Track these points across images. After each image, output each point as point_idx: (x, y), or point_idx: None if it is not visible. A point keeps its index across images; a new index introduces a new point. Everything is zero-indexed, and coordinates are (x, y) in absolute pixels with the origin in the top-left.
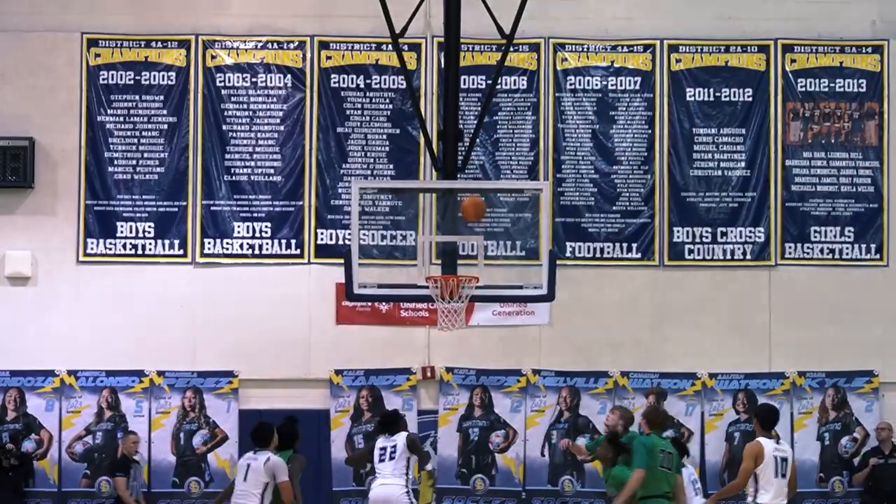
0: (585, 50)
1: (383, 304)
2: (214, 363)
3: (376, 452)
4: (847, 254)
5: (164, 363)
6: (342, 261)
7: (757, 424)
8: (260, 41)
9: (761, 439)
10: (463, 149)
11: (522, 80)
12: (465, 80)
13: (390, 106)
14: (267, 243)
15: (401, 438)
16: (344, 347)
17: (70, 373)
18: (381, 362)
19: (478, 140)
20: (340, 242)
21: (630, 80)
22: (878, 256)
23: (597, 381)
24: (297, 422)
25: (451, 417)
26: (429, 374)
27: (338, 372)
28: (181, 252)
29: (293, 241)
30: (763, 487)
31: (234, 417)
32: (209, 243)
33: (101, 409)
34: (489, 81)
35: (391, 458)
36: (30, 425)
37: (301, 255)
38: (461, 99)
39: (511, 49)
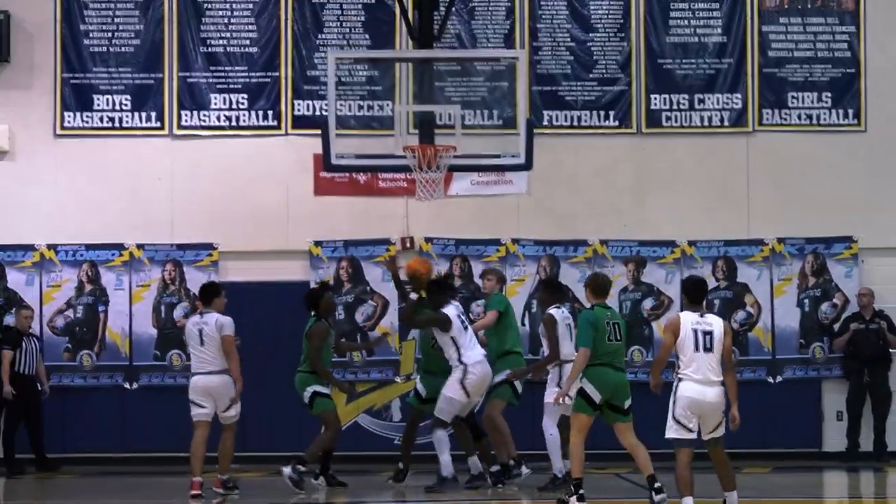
0: None
1: (361, 174)
2: (194, 236)
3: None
4: (825, 119)
5: (144, 236)
6: (319, 132)
7: (685, 298)
8: None
9: (682, 313)
10: (439, 18)
11: None
12: None
13: None
14: (244, 115)
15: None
16: (323, 218)
17: (50, 247)
18: (360, 233)
19: (453, 9)
20: (317, 113)
21: None
22: (855, 122)
23: (576, 250)
24: (325, 288)
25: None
26: (408, 245)
27: (317, 243)
28: (158, 124)
29: (270, 113)
30: (684, 362)
31: None
32: (186, 115)
33: (82, 283)
34: None
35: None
36: (10, 300)
37: (278, 127)
38: None
39: None
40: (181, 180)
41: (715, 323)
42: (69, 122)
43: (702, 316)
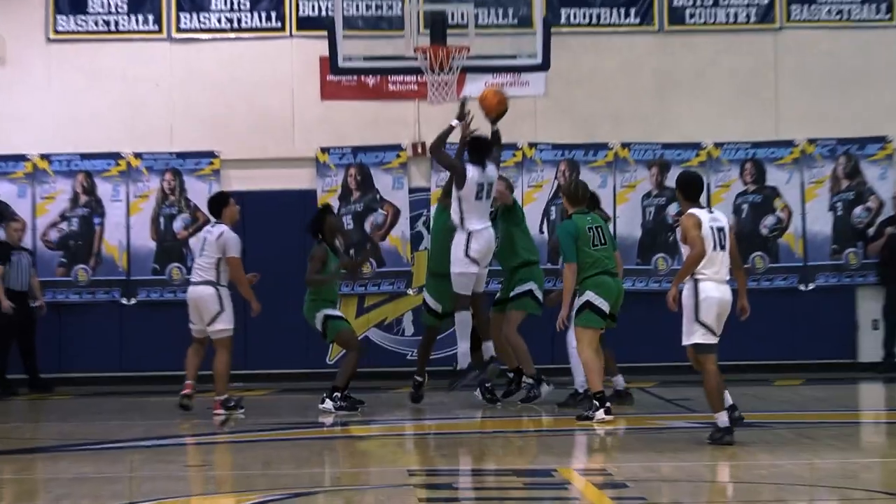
0: None
1: (370, 77)
2: (194, 143)
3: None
4: (856, 14)
5: (141, 144)
6: (325, 33)
7: (680, 196)
8: None
9: (695, 209)
10: None
11: None
12: None
13: None
14: (246, 16)
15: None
16: (330, 124)
17: (42, 157)
18: (369, 139)
19: None
20: (323, 13)
21: None
22: (888, 17)
23: (596, 154)
24: (327, 212)
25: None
26: (419, 151)
27: (324, 150)
28: (156, 27)
29: (273, 14)
30: (703, 261)
31: None
32: (185, 17)
33: (77, 195)
34: None
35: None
36: (2, 212)
37: (282, 28)
38: None
39: None
40: (180, 86)
41: (723, 219)
42: (62, 25)
43: (710, 212)
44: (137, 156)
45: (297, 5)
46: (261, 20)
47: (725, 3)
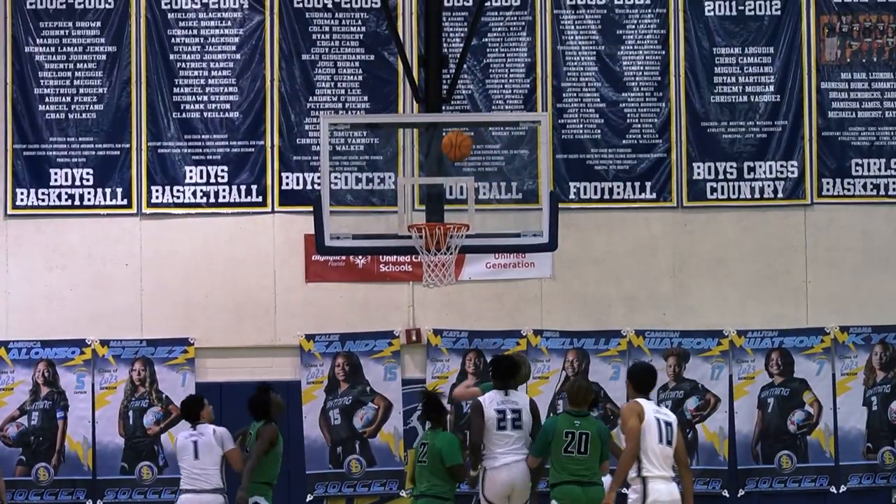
0: None
1: (359, 257)
2: (166, 330)
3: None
4: (893, 189)
5: (109, 331)
6: (311, 208)
7: (630, 387)
8: None
9: (639, 399)
10: (448, 76)
11: None
12: None
13: (363, 28)
14: (224, 190)
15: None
16: (315, 308)
17: (1, 344)
18: (358, 325)
19: (465, 66)
20: (309, 187)
21: None
22: None
23: (608, 342)
24: (269, 391)
25: (441, 387)
26: (414, 338)
27: (309, 337)
28: (125, 202)
29: (254, 187)
30: (646, 457)
31: (191, 391)
32: (157, 191)
33: (38, 386)
34: None
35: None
36: None
37: (263, 203)
38: (445, 18)
39: None
40: (151, 266)
41: (671, 416)
42: (21, 199)
43: (658, 405)
44: (104, 343)
45: (280, 178)
46: (240, 194)
47: (750, 176)
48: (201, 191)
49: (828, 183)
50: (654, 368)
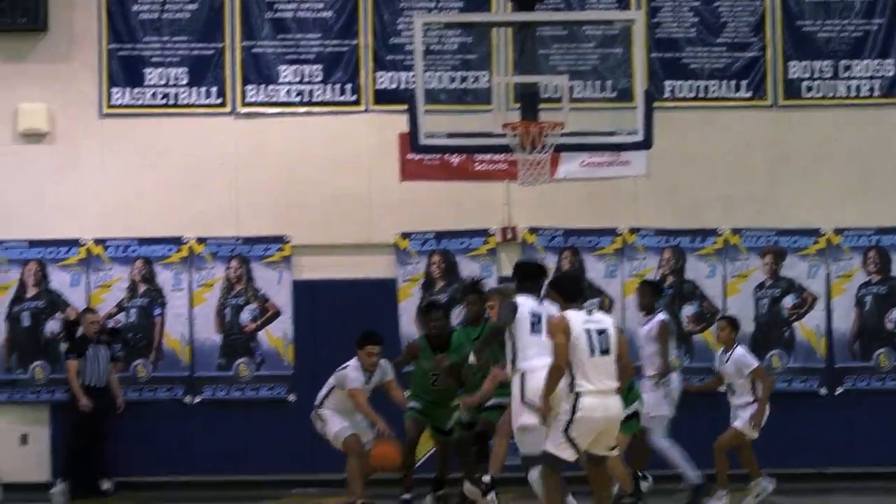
0: None
1: (454, 155)
2: (262, 228)
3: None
4: None
5: (205, 229)
6: (405, 107)
7: (559, 298)
8: None
9: (568, 311)
10: None
11: None
12: None
13: None
14: (318, 89)
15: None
16: (411, 207)
17: (97, 242)
18: (453, 223)
19: None
20: (403, 86)
21: None
22: None
23: (704, 241)
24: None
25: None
26: (509, 236)
27: (404, 235)
28: (220, 101)
29: (348, 86)
30: (579, 371)
31: (287, 290)
32: (251, 90)
33: (135, 283)
34: None
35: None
36: (54, 303)
37: (358, 102)
38: None
39: None
40: (246, 165)
41: (605, 321)
42: (117, 99)
43: (589, 314)
44: (201, 241)
45: (374, 77)
46: (334, 93)
47: (846, 74)
48: (295, 90)
49: None
50: (579, 276)
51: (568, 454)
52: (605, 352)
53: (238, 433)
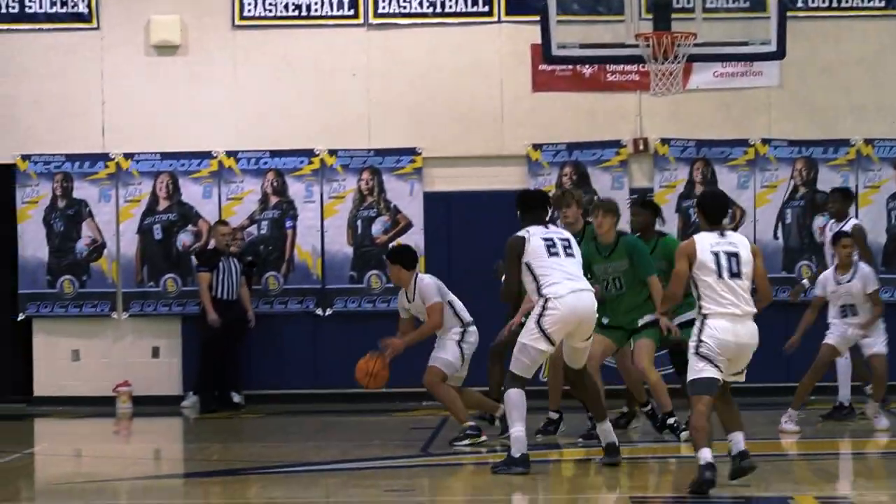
0: None
1: (586, 66)
2: (394, 139)
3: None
4: None
5: (337, 140)
6: (537, 18)
7: (701, 216)
8: None
9: (698, 234)
10: None
11: None
12: None
13: None
14: (450, 0)
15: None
16: (542, 118)
17: (229, 154)
18: (585, 134)
19: None
20: None
21: None
22: None
23: (836, 151)
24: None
25: (668, 196)
26: (641, 147)
27: (536, 146)
28: (351, 12)
29: None
30: (706, 295)
31: (419, 201)
32: (383, 1)
33: (266, 195)
34: None
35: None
36: (185, 215)
37: (490, 13)
38: None
39: None
40: (379, 76)
41: (739, 242)
42: (249, 9)
43: (722, 235)
44: (332, 153)
45: None
46: (466, 4)
47: None
48: (427, 1)
49: None
50: (724, 196)
51: (712, 372)
52: (735, 275)
53: (368, 346)
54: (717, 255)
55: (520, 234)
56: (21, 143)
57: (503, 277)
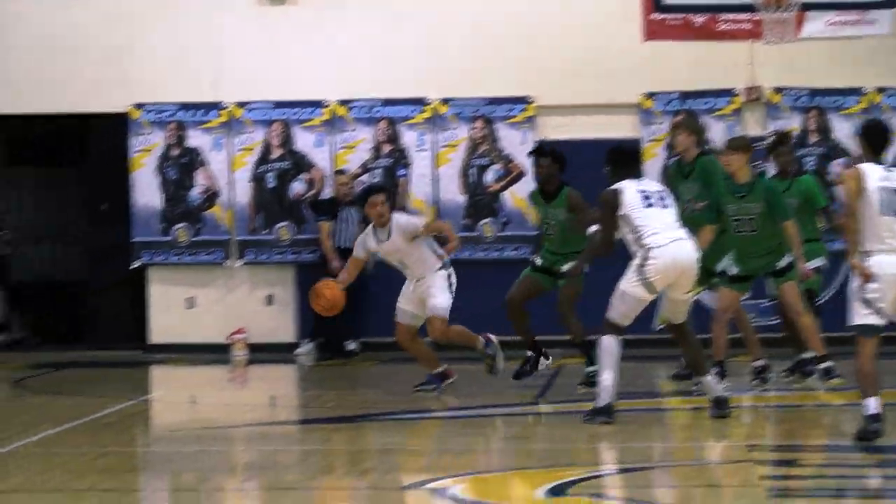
0: None
1: (698, 15)
2: (506, 88)
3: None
4: None
5: (449, 89)
6: None
7: (864, 145)
8: None
9: (865, 165)
10: None
11: None
12: None
13: None
14: None
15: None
16: (654, 67)
17: (341, 102)
18: (697, 83)
19: None
20: None
21: None
22: None
23: None
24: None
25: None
26: (754, 96)
27: (648, 95)
28: None
29: None
30: (869, 230)
31: (531, 149)
32: None
33: (379, 144)
34: None
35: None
36: (298, 164)
37: None
38: None
39: None
40: (490, 24)
41: None
42: None
43: (888, 170)
44: (444, 101)
45: None
46: None
47: None
48: None
49: None
50: (886, 125)
51: (872, 319)
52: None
53: (482, 293)
54: (882, 189)
55: (614, 187)
56: (134, 92)
57: (589, 230)
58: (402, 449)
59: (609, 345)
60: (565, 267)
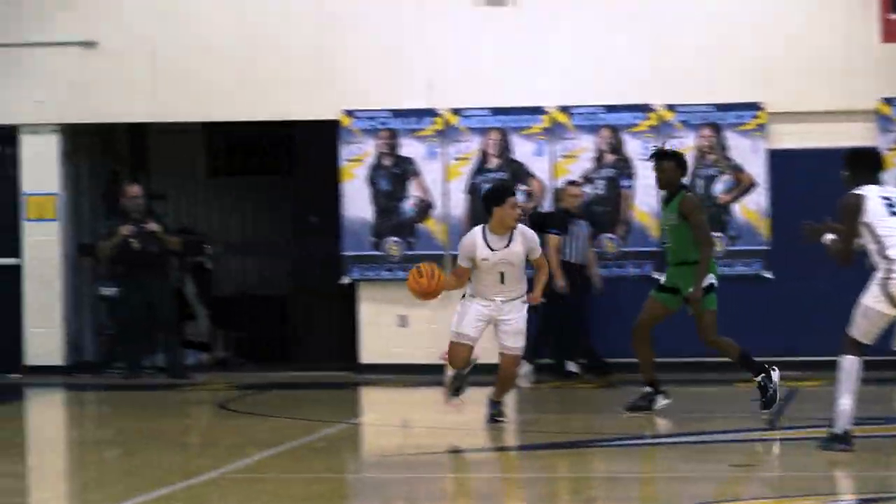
0: None
1: None
2: (736, 94)
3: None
4: None
5: (675, 95)
6: None
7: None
8: None
9: (860, 189)
10: None
11: None
12: None
13: None
14: None
15: None
16: (892, 70)
17: (562, 109)
18: None
19: None
20: None
21: None
22: None
23: None
24: None
25: None
26: None
27: (886, 101)
28: None
29: None
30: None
31: (762, 159)
32: None
33: (601, 153)
34: None
35: None
36: (516, 173)
37: None
38: None
39: None
40: (718, 26)
41: None
42: None
43: (884, 188)
44: (670, 108)
45: None
46: None
47: None
48: None
49: None
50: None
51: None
52: None
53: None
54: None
55: (857, 191)
56: (345, 98)
57: (825, 239)
58: (628, 477)
59: (849, 366)
60: (686, 291)
